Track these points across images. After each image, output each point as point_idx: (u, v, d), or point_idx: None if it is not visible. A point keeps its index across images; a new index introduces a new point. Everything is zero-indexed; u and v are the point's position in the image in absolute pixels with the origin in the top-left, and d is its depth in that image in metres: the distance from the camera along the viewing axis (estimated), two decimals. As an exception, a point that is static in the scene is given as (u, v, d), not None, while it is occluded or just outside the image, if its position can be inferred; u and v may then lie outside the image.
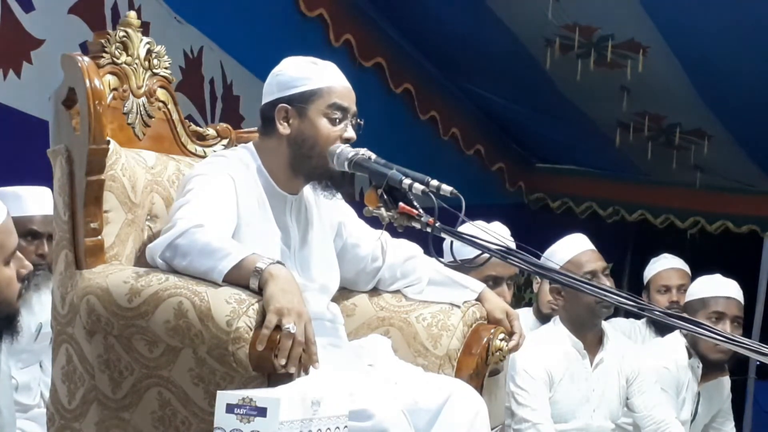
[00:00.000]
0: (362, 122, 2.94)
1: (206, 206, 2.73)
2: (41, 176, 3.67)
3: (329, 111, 2.88)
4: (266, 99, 2.95)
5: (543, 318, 4.71)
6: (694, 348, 4.68)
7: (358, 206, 2.97)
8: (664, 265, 5.68)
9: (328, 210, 3.07)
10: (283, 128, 2.90)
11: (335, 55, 5.92)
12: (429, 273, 3.13)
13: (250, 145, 2.98)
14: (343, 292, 3.12)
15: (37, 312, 3.88)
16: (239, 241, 2.78)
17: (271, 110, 2.92)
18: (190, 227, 2.63)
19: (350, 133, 2.90)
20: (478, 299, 3.12)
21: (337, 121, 2.89)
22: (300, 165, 2.91)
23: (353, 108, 2.93)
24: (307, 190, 3.00)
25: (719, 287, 4.73)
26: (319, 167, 2.89)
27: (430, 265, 3.13)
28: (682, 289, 5.47)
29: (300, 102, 2.89)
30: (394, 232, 2.92)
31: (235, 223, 2.80)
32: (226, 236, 2.69)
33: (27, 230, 3.78)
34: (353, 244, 3.10)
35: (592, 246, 4.36)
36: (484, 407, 2.86)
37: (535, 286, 5.22)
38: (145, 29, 3.06)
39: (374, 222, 2.90)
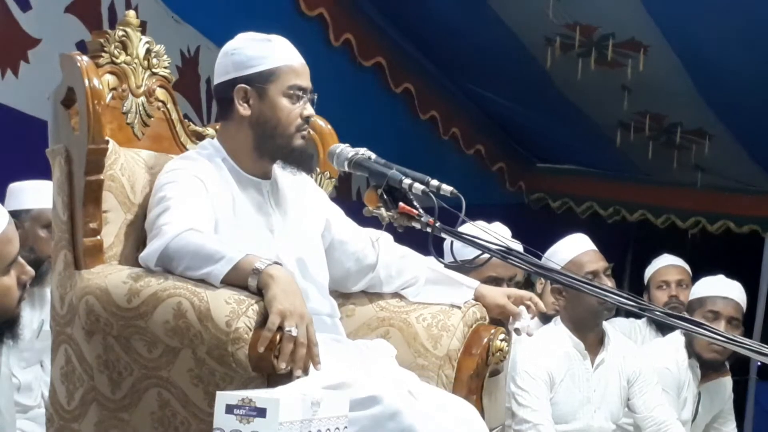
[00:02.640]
0: (316, 95, 2.93)
1: (187, 209, 2.70)
2: (40, 176, 3.67)
3: (290, 91, 2.86)
4: (220, 78, 2.91)
5: (546, 319, 4.69)
6: (689, 347, 4.69)
7: (358, 206, 2.95)
8: (663, 262, 5.70)
9: (314, 203, 3.05)
10: (244, 109, 2.88)
11: (335, 55, 5.91)
12: (425, 272, 3.11)
13: (214, 139, 2.96)
14: (343, 293, 3.11)
15: (41, 308, 3.88)
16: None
17: (229, 91, 2.88)
18: (180, 232, 2.60)
19: (309, 111, 2.89)
20: (476, 295, 3.10)
21: (297, 100, 2.87)
22: (264, 146, 2.88)
23: (310, 85, 2.91)
24: (282, 179, 2.97)
25: (719, 287, 4.74)
26: (283, 146, 2.87)
27: (425, 263, 3.12)
28: (682, 284, 5.49)
29: (259, 82, 2.86)
30: (394, 232, 2.91)
31: (214, 222, 2.77)
32: (216, 237, 2.67)
33: (49, 222, 3.78)
34: (340, 240, 3.08)
35: (593, 246, 4.35)
36: (480, 420, 2.85)
37: (539, 287, 5.20)
38: (142, 28, 3.05)
39: (374, 222, 2.89)
